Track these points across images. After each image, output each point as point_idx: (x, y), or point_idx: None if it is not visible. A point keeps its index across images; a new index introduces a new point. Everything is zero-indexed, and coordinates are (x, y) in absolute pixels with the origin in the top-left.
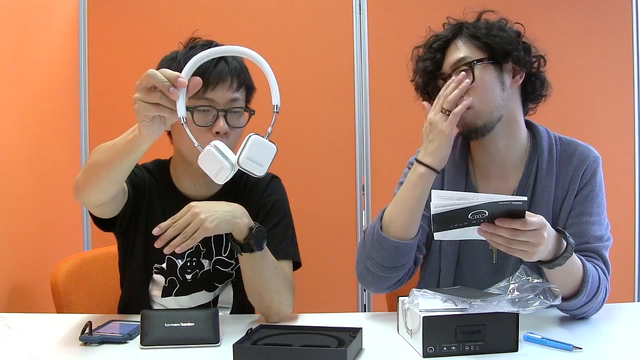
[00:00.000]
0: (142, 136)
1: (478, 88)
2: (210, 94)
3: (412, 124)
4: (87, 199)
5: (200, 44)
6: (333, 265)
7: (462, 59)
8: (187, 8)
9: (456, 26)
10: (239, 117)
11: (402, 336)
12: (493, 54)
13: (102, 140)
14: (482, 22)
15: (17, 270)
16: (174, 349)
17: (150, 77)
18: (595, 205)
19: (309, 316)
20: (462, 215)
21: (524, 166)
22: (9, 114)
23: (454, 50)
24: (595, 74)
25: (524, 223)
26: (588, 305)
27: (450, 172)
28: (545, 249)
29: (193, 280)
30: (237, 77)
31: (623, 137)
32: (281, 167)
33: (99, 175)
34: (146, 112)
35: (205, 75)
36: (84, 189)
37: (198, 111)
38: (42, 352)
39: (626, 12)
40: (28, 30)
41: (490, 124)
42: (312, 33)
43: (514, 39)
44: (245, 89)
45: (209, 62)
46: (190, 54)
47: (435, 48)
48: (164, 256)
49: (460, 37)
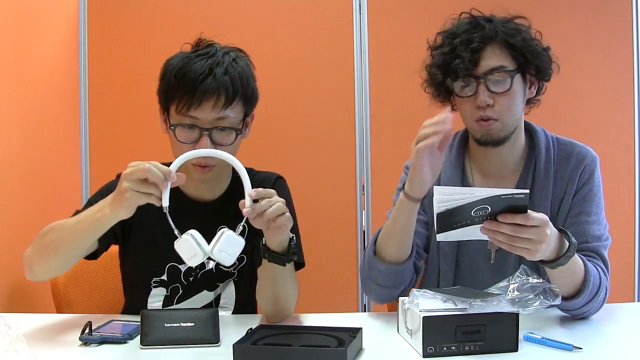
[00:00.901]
0: (117, 216)
1: (510, 100)
2: (194, 112)
3: (412, 124)
4: (45, 276)
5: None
6: (333, 265)
7: (500, 67)
8: (187, 8)
9: (492, 28)
10: (227, 135)
11: (402, 336)
12: (527, 66)
13: (102, 140)
14: (514, 29)
15: (17, 270)
16: (174, 349)
17: (146, 172)
18: (593, 205)
19: (309, 316)
20: (465, 213)
21: (522, 167)
22: (8, 114)
23: (490, 54)
24: (595, 74)
25: (527, 218)
26: (589, 305)
27: (446, 172)
28: (547, 247)
29: (194, 281)
30: (226, 93)
31: (623, 137)
32: (281, 167)
33: (60, 253)
34: (138, 200)
35: (189, 91)
36: (41, 267)
37: (182, 127)
38: (42, 352)
39: (626, 12)
40: (28, 30)
41: (510, 135)
42: (312, 33)
43: (546, 55)
44: (241, 102)
45: (196, 77)
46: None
47: (473, 48)
48: (164, 267)
49: (497, 42)
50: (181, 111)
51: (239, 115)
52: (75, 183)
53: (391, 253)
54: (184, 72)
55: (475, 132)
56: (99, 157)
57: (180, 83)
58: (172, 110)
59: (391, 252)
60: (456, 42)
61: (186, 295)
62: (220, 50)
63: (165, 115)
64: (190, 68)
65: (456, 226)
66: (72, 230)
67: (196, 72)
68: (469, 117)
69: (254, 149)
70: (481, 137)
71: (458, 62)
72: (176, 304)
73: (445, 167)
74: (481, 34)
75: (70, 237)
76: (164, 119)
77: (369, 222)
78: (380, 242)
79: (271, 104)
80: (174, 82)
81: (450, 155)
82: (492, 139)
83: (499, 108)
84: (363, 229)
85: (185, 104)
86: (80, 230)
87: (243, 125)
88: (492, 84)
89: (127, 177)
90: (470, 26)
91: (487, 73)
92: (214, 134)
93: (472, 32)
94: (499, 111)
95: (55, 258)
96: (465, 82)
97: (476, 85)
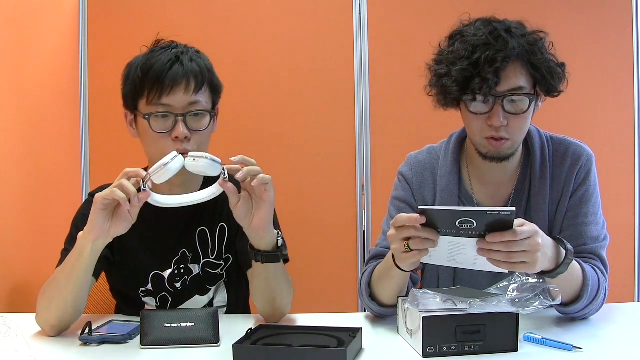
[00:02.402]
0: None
1: (524, 121)
2: (166, 99)
3: (412, 124)
4: (68, 325)
5: (161, 46)
6: (333, 265)
7: (520, 88)
8: (186, 8)
9: (514, 45)
10: (200, 120)
11: (402, 336)
12: (542, 84)
13: (102, 140)
14: (535, 45)
15: (17, 270)
16: (174, 349)
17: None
18: (590, 205)
19: (309, 316)
20: (450, 220)
21: (519, 171)
22: (9, 114)
23: (511, 74)
24: (595, 74)
25: (515, 233)
26: (588, 308)
27: (443, 179)
28: (544, 257)
29: (183, 287)
30: (195, 78)
31: (623, 137)
32: (281, 167)
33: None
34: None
35: (159, 79)
36: (61, 322)
37: (156, 117)
38: (42, 352)
39: (626, 12)
40: (28, 30)
41: (517, 150)
42: (312, 33)
43: (561, 73)
44: (209, 89)
45: (163, 66)
46: (148, 57)
47: (497, 67)
48: (148, 276)
49: (519, 60)
50: (152, 101)
51: (209, 102)
52: (75, 183)
53: (384, 297)
54: (151, 64)
55: (482, 148)
56: (99, 157)
57: (149, 74)
58: (142, 104)
59: (384, 296)
60: (477, 57)
61: (177, 303)
62: (182, 45)
63: (132, 116)
64: (156, 60)
65: (440, 232)
66: (68, 279)
67: (163, 62)
68: (478, 133)
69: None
70: (488, 152)
71: (479, 81)
72: None
73: (441, 173)
74: (504, 52)
75: (70, 283)
76: (130, 122)
77: (369, 222)
78: (373, 285)
79: (271, 103)
80: (142, 76)
81: (445, 160)
82: (499, 156)
83: (512, 128)
84: (363, 229)
85: (157, 92)
86: (75, 275)
87: (213, 115)
88: (508, 105)
89: (95, 205)
90: (492, 38)
91: (507, 94)
92: (188, 119)
93: (494, 47)
94: (511, 131)
95: (67, 306)
96: (480, 98)
97: (492, 103)
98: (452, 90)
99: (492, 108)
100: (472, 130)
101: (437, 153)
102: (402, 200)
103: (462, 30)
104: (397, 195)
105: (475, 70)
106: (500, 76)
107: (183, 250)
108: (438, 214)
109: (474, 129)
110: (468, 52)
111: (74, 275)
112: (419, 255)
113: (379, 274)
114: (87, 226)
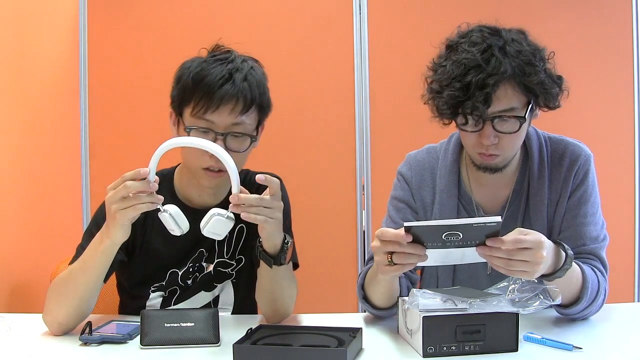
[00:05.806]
0: (116, 241)
1: (516, 140)
2: (211, 115)
3: (412, 124)
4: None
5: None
6: (333, 265)
7: (510, 109)
8: (186, 8)
9: (507, 67)
10: (241, 142)
11: (402, 336)
12: (537, 102)
13: (102, 140)
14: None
15: (17, 270)
16: (174, 349)
17: (126, 189)
18: (589, 206)
19: (309, 316)
20: (436, 235)
21: (517, 172)
22: (9, 114)
23: (502, 95)
24: (594, 75)
25: (515, 242)
26: (588, 309)
27: (442, 179)
28: (545, 266)
29: (193, 284)
30: (244, 100)
31: (623, 137)
32: (281, 167)
33: (84, 298)
34: (129, 216)
35: (208, 94)
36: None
37: (197, 131)
38: (42, 352)
39: (626, 13)
40: (28, 30)
41: (510, 161)
42: (312, 33)
43: (559, 88)
44: (257, 110)
45: (215, 81)
46: (202, 66)
47: (487, 92)
48: (166, 273)
49: (511, 81)
50: (197, 114)
51: (254, 123)
52: (75, 183)
53: (375, 300)
54: (203, 75)
55: (475, 160)
56: (99, 157)
57: (199, 86)
58: (187, 113)
59: (375, 299)
60: (468, 81)
61: (183, 297)
62: (239, 58)
63: (177, 118)
64: (209, 72)
65: (427, 246)
66: (83, 274)
67: (215, 76)
68: (470, 147)
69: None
70: (481, 164)
71: (470, 105)
72: (174, 305)
73: (441, 173)
74: (496, 76)
75: (85, 281)
76: (174, 122)
77: (369, 222)
78: (366, 287)
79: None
80: (192, 85)
81: (445, 160)
82: (492, 168)
83: (503, 146)
84: (363, 229)
85: (202, 107)
86: (90, 270)
87: (256, 133)
88: (499, 124)
89: (110, 201)
90: (483, 60)
91: (496, 116)
92: (229, 139)
93: (485, 70)
94: (502, 149)
95: (80, 304)
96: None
97: (483, 123)
98: (444, 111)
99: (482, 127)
100: (465, 143)
101: (436, 153)
102: (401, 200)
103: (457, 42)
104: (396, 195)
105: (466, 95)
106: (491, 99)
107: (201, 250)
108: (424, 230)
109: (467, 143)
110: (460, 74)
111: (89, 272)
112: (402, 269)
113: (370, 277)
114: (105, 224)
